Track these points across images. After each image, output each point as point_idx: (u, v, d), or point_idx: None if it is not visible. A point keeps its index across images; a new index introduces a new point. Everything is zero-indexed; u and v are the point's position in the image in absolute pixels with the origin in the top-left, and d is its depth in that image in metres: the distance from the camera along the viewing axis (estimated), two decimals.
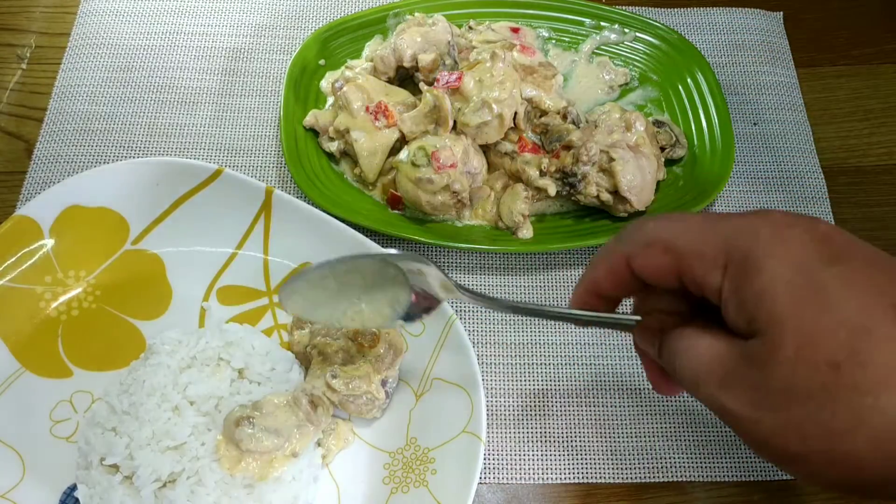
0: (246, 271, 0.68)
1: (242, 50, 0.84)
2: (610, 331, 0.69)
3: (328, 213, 0.67)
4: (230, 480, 0.55)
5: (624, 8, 0.85)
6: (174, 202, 0.68)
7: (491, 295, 0.51)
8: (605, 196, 0.70)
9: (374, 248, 0.64)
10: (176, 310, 0.67)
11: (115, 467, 0.55)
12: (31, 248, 0.65)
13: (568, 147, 0.73)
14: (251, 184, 0.66)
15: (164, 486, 0.55)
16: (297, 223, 0.67)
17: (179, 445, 0.55)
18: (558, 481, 0.63)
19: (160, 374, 0.58)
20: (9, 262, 0.64)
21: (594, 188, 0.70)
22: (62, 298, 0.66)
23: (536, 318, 0.70)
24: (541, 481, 0.63)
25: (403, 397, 0.63)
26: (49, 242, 0.65)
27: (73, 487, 0.58)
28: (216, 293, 0.68)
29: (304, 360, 0.64)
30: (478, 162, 0.72)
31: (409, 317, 0.54)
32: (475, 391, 0.59)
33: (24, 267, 0.65)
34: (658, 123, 0.77)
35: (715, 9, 0.90)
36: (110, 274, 0.67)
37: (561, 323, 0.70)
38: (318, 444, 0.61)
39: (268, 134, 0.79)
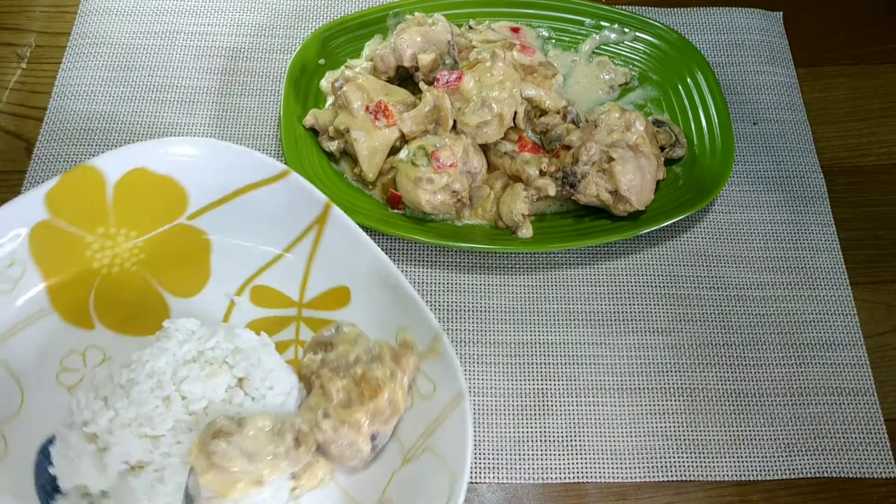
0: (285, 276, 0.67)
1: (242, 49, 0.84)
2: (610, 331, 0.70)
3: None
4: None
5: (624, 8, 0.85)
6: (236, 190, 0.66)
7: None
8: (605, 196, 0.70)
9: (410, 291, 0.62)
10: (208, 295, 0.67)
11: (95, 437, 0.55)
12: (93, 197, 0.65)
13: (568, 147, 0.73)
14: (313, 193, 0.65)
15: (132, 469, 0.54)
16: (345, 243, 0.65)
17: (157, 436, 0.55)
18: (558, 481, 0.63)
19: (163, 359, 0.57)
20: (69, 205, 0.64)
21: (594, 188, 0.70)
22: (108, 252, 0.66)
23: (537, 319, 0.70)
24: (541, 481, 0.63)
25: (392, 455, 0.60)
26: (110, 196, 0.65)
27: (53, 439, 0.57)
28: (250, 290, 0.67)
29: (307, 386, 0.62)
30: (478, 161, 0.72)
31: None
32: (459, 478, 0.56)
33: (81, 213, 0.64)
34: (658, 123, 0.77)
35: (715, 9, 0.90)
36: (158, 242, 0.67)
37: (562, 323, 0.70)
38: (292, 476, 0.59)
39: (268, 133, 0.79)
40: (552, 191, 0.71)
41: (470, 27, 0.81)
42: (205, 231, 0.68)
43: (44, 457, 0.58)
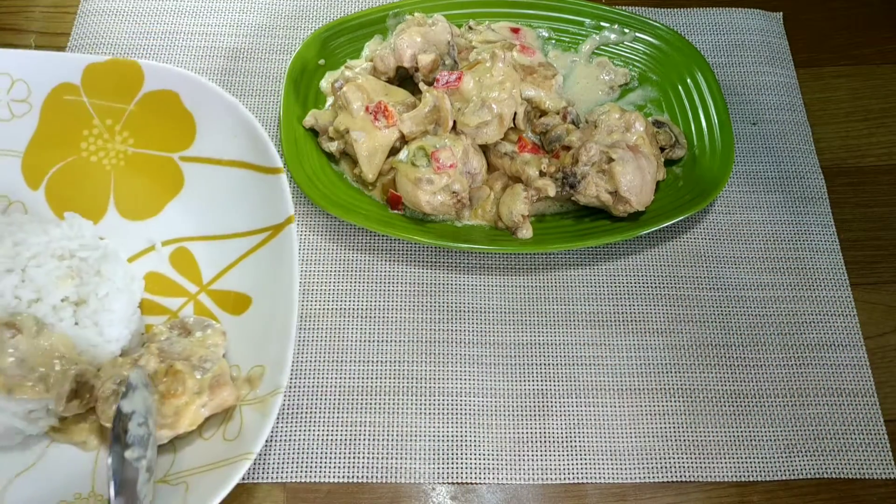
0: (212, 255, 0.68)
1: (242, 50, 0.84)
2: (610, 332, 0.70)
3: (328, 213, 0.67)
4: None
5: (624, 8, 0.85)
6: (233, 160, 0.68)
7: None
8: (605, 196, 0.70)
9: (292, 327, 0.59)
10: (142, 229, 0.69)
11: None
12: (124, 92, 0.68)
13: (567, 147, 0.73)
14: (287, 201, 0.64)
15: None
16: (277, 260, 0.63)
17: None
18: (558, 481, 0.63)
19: (37, 238, 0.59)
20: (101, 85, 0.67)
21: (594, 189, 0.70)
22: (100, 142, 0.69)
23: (537, 319, 0.70)
24: (541, 481, 0.63)
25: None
26: (136, 99, 0.68)
27: None
28: (176, 248, 0.68)
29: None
30: (477, 162, 0.72)
31: None
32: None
33: (105, 97, 0.68)
34: (658, 124, 0.77)
35: (715, 9, 0.90)
36: (143, 161, 0.69)
37: (562, 324, 0.70)
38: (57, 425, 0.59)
39: (267, 134, 0.79)
40: (552, 191, 0.71)
41: (470, 28, 0.81)
42: (185, 177, 0.69)
43: None
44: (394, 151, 0.73)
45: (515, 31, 0.83)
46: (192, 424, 0.57)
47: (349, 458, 0.63)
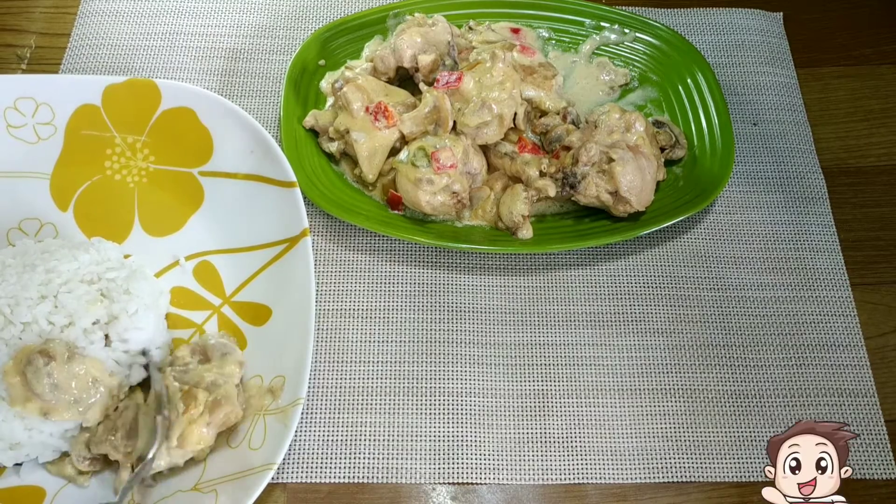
0: (233, 269, 0.69)
1: (242, 50, 0.84)
2: (610, 332, 0.70)
3: (328, 213, 0.68)
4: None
5: (624, 8, 0.85)
6: (249, 174, 0.69)
7: None
8: (605, 196, 0.70)
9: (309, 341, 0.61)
10: (165, 244, 0.70)
11: None
12: (143, 109, 0.70)
13: (568, 148, 0.73)
14: (302, 214, 0.66)
15: None
16: (294, 271, 0.65)
17: (9, 321, 0.58)
18: (558, 481, 0.63)
19: (67, 266, 0.61)
20: (120, 104, 0.70)
21: (594, 189, 0.70)
22: (122, 160, 0.71)
23: (536, 319, 0.70)
24: (541, 481, 0.63)
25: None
26: (155, 117, 0.70)
27: None
28: (199, 262, 0.70)
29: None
30: (478, 162, 0.72)
31: None
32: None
33: (125, 115, 0.70)
34: (658, 124, 0.77)
35: (715, 9, 0.90)
36: (164, 176, 0.71)
37: (562, 324, 0.70)
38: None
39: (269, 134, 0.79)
40: (552, 192, 0.71)
41: (470, 28, 0.81)
42: (205, 191, 0.71)
43: None
44: (394, 152, 0.73)
45: (516, 31, 0.83)
46: (200, 443, 0.59)
47: (349, 458, 0.63)
